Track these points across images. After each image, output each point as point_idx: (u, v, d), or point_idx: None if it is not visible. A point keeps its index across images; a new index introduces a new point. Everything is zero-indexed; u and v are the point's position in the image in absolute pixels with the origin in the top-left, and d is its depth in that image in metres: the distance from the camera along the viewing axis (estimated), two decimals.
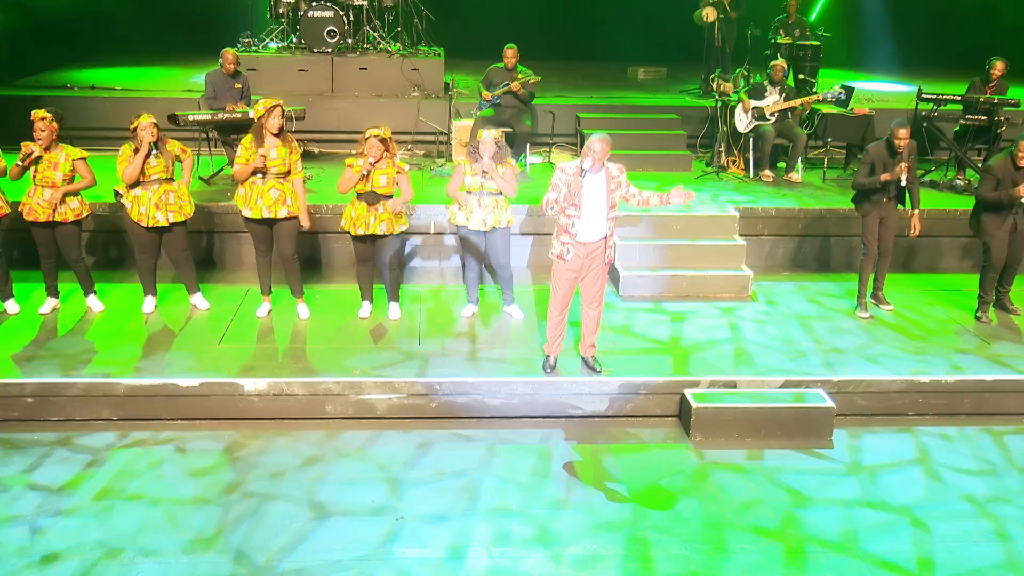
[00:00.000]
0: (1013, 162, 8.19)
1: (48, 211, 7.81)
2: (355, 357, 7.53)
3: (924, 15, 16.10)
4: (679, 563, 5.52)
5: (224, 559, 5.39)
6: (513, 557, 5.52)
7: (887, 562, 5.56)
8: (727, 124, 11.49)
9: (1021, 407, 7.48)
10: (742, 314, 8.66)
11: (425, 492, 6.15)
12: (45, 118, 7.74)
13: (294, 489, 6.13)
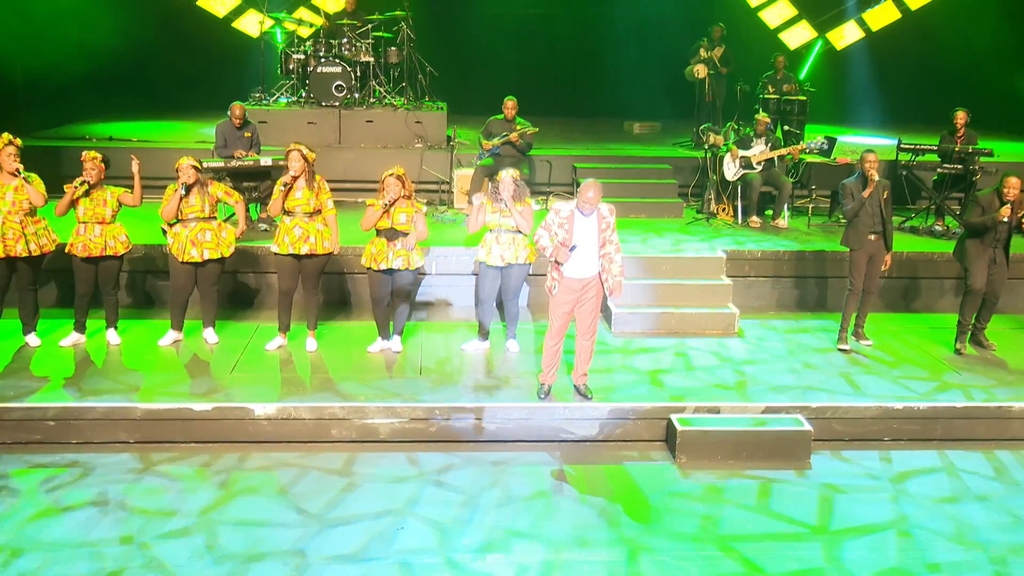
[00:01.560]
0: (999, 197, 8.69)
1: (100, 246, 8.32)
2: (360, 386, 7.95)
3: (908, 73, 16.75)
4: (664, 569, 5.89)
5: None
6: (510, 560, 5.90)
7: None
8: (716, 173, 12.02)
9: (990, 433, 7.87)
10: (728, 348, 9.09)
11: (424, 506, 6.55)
12: (96, 158, 8.36)
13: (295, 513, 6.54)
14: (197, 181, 8.45)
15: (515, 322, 8.97)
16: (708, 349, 9.07)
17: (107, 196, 8.43)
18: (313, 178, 8.58)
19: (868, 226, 8.91)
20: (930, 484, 7.10)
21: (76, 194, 8.30)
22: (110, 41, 14.30)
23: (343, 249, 9.73)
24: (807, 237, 11.19)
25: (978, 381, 8.43)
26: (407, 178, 8.40)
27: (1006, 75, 15.71)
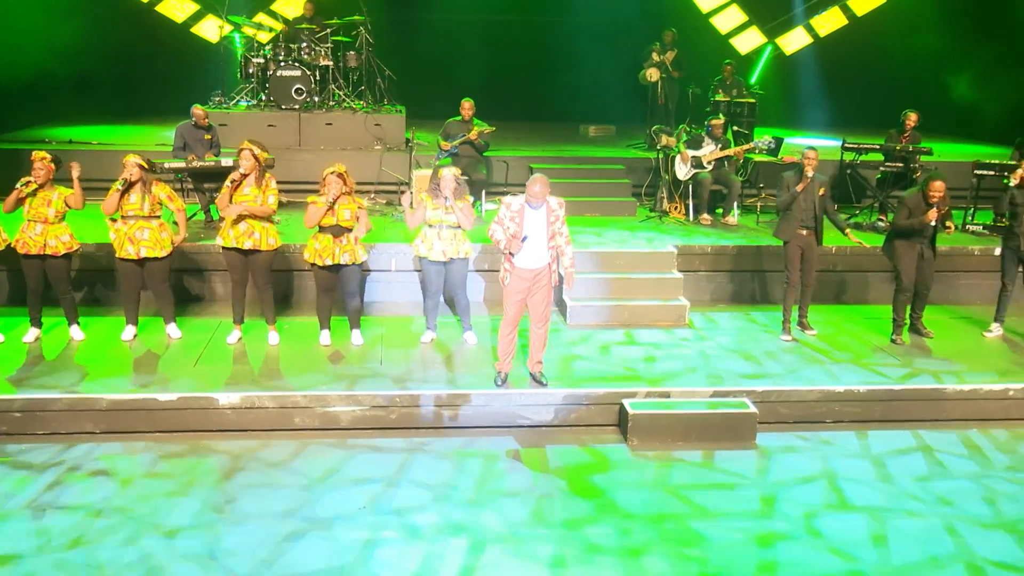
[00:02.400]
0: (924, 199, 9.09)
1: (39, 245, 8.45)
2: (321, 375, 8.17)
3: (854, 78, 17.24)
4: (609, 540, 6.19)
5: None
6: (467, 540, 6.17)
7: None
8: (668, 173, 12.37)
9: (925, 414, 8.25)
10: (678, 338, 9.41)
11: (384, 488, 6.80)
12: (45, 158, 8.47)
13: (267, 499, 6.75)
14: (140, 179, 8.56)
15: (468, 314, 9.23)
16: (659, 339, 9.38)
17: (53, 196, 8.54)
18: (263, 176, 8.76)
19: (800, 220, 9.28)
20: (866, 450, 7.48)
21: (22, 193, 8.42)
22: (70, 47, 14.40)
23: (292, 247, 9.97)
24: (755, 233, 11.57)
25: (915, 366, 8.81)
26: (348, 175, 8.62)
27: (945, 80, 16.28)
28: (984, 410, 8.35)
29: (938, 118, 15.14)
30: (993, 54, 15.72)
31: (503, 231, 7.68)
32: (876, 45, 17.22)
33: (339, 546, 6.02)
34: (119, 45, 15.86)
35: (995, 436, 7.98)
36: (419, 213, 8.85)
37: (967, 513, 6.63)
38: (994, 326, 9.83)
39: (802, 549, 6.15)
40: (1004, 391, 8.38)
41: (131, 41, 16.11)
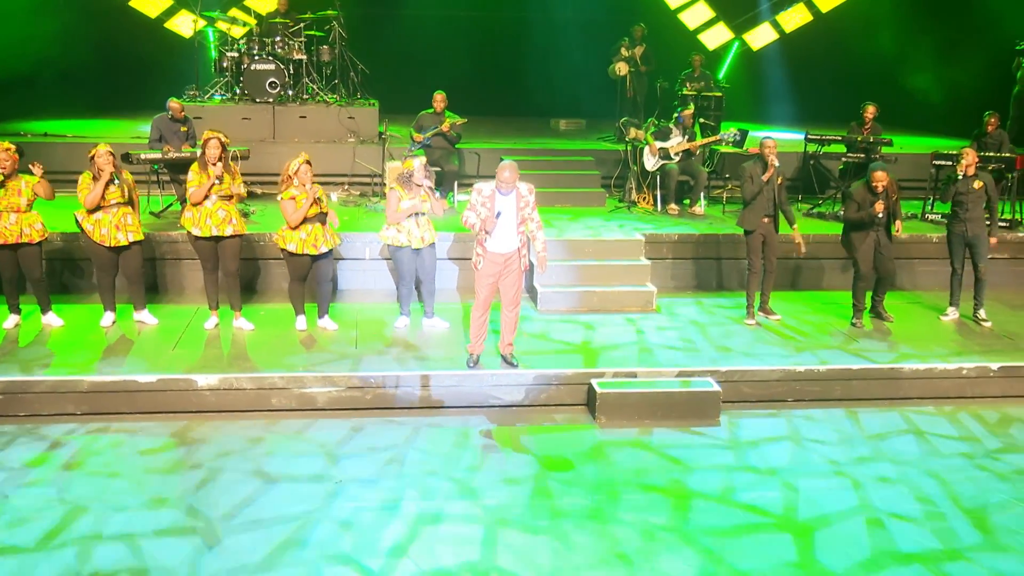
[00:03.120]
0: (869, 189, 9.41)
1: (16, 234, 8.58)
2: (297, 358, 8.38)
3: (818, 73, 17.58)
4: (577, 507, 6.44)
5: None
6: (438, 506, 6.40)
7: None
8: (637, 164, 12.65)
9: (884, 392, 8.57)
10: (646, 322, 9.69)
11: (360, 462, 7.02)
12: (9, 149, 8.56)
13: (243, 463, 6.96)
14: (116, 167, 8.73)
15: (432, 300, 9.39)
16: (627, 323, 9.65)
17: (22, 185, 8.64)
18: (229, 164, 8.94)
19: (763, 209, 9.58)
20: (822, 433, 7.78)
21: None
22: (44, 41, 14.54)
23: (262, 236, 10.16)
24: (722, 222, 11.86)
25: (874, 347, 9.14)
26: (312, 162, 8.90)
27: (905, 75, 16.68)
28: (939, 388, 8.68)
29: (898, 112, 15.52)
30: (950, 51, 16.14)
31: (476, 215, 7.91)
32: (840, 41, 17.60)
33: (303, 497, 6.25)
34: (93, 40, 15.93)
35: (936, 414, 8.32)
36: (394, 205, 9.02)
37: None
38: (950, 310, 10.17)
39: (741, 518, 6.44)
40: (958, 370, 8.72)
41: (105, 36, 16.19)
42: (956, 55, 15.98)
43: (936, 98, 16.34)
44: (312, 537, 5.97)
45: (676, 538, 6.12)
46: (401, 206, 8.96)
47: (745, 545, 6.07)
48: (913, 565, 5.90)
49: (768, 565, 5.85)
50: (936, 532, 6.29)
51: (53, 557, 5.66)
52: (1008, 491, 6.86)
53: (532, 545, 5.98)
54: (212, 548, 5.81)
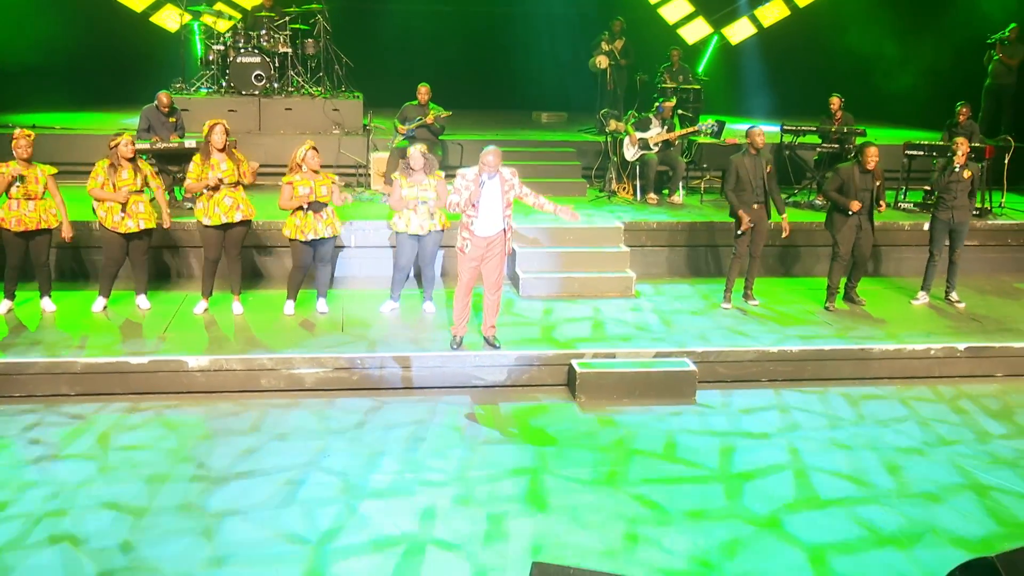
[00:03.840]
0: (861, 167, 9.69)
1: (36, 220, 8.79)
2: (286, 340, 8.60)
3: (796, 67, 17.89)
4: (555, 477, 6.70)
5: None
6: (421, 475, 6.65)
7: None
8: (617, 155, 12.91)
9: (855, 372, 8.86)
10: (625, 306, 9.95)
11: (348, 437, 7.26)
12: (29, 136, 8.77)
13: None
14: (133, 156, 8.96)
15: (432, 285, 9.70)
16: (607, 307, 9.91)
17: (38, 173, 8.89)
18: (233, 151, 9.16)
19: (752, 197, 9.84)
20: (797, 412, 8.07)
21: (13, 175, 8.70)
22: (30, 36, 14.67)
23: (261, 224, 10.37)
24: (699, 211, 12.13)
25: (846, 329, 9.43)
26: (319, 150, 9.12)
27: (880, 68, 17.00)
28: (908, 368, 8.97)
29: (871, 104, 15.86)
30: (922, 44, 16.46)
31: (459, 196, 8.14)
32: (816, 35, 17.91)
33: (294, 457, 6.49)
34: (78, 34, 15.99)
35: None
36: (396, 193, 9.27)
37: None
38: (921, 294, 10.47)
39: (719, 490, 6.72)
40: (926, 350, 9.02)
41: (90, 30, 16.27)
42: (928, 48, 16.31)
43: (908, 91, 16.66)
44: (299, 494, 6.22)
45: (659, 515, 6.40)
46: (403, 194, 9.22)
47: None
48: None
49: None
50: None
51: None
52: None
53: (511, 513, 6.23)
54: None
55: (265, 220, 10.41)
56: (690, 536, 6.01)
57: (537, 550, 5.75)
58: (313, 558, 5.64)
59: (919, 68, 16.38)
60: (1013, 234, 11.90)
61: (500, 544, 5.86)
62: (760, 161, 9.78)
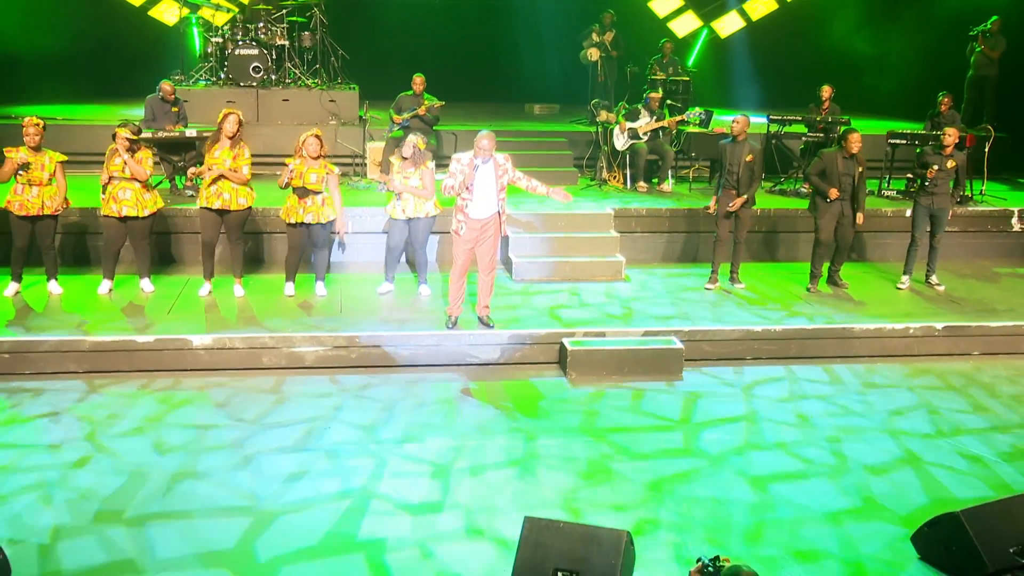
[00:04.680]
0: (844, 152, 9.99)
1: (37, 206, 9.06)
2: (286, 320, 8.89)
3: (784, 60, 18.20)
4: (545, 447, 7.02)
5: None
6: (419, 440, 6.97)
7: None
8: (607, 144, 13.22)
9: (837, 351, 9.18)
10: (615, 289, 10.26)
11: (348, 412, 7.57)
12: (38, 124, 9.05)
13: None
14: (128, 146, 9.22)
15: (425, 270, 10.00)
16: (597, 290, 10.21)
17: (45, 160, 9.16)
18: (238, 143, 9.44)
19: (731, 183, 10.14)
20: (776, 388, 8.38)
21: (20, 161, 8.98)
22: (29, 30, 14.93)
23: (262, 210, 10.65)
24: (688, 198, 12.44)
25: (828, 310, 9.76)
26: (323, 142, 9.38)
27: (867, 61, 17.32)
28: (888, 347, 9.30)
29: (855, 96, 16.18)
30: (906, 37, 16.79)
31: (454, 180, 8.44)
32: (803, 28, 18.22)
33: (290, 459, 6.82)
34: (79, 28, 16.25)
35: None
36: (394, 177, 9.60)
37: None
38: (904, 278, 10.78)
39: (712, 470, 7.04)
40: (905, 330, 9.34)
41: (90, 25, 16.52)
42: (912, 41, 16.63)
43: (892, 83, 16.98)
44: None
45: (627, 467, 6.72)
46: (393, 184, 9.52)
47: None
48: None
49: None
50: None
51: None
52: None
53: (501, 480, 6.54)
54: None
55: (264, 207, 10.68)
56: (675, 504, 6.32)
57: (529, 506, 6.03)
58: (346, 515, 5.93)
59: (903, 60, 16.70)
60: (992, 220, 12.23)
61: (495, 508, 6.16)
62: (742, 149, 10.08)
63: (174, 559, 5.49)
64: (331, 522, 5.93)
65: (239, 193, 9.37)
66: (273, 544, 5.68)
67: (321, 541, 5.74)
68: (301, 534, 5.79)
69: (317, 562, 5.54)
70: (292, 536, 5.77)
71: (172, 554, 5.54)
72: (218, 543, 5.67)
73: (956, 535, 5.40)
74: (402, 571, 5.46)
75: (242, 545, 5.67)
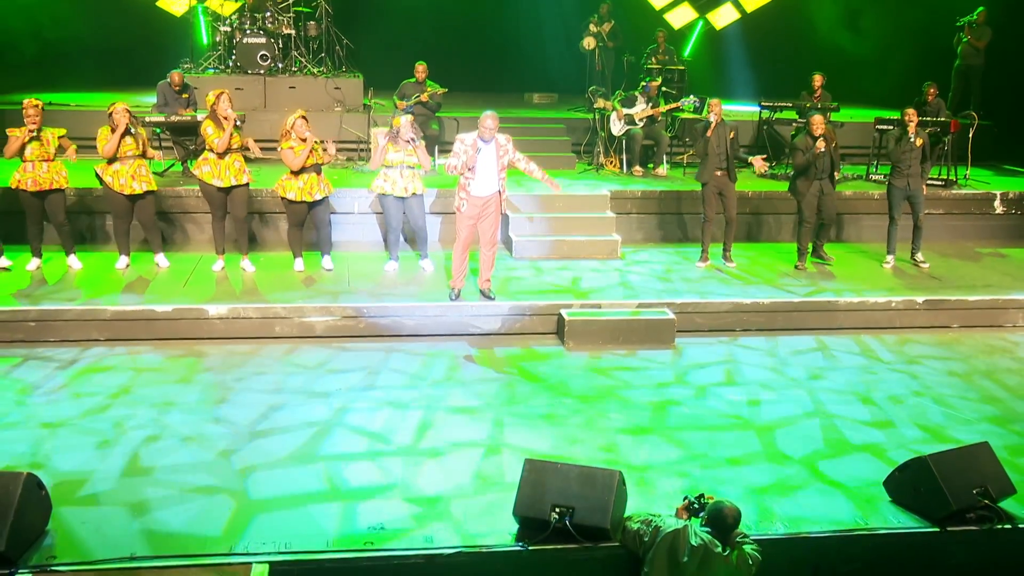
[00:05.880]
0: (810, 135, 10.45)
1: (49, 180, 9.49)
2: (297, 293, 9.33)
3: (777, 50, 18.62)
4: (541, 407, 7.48)
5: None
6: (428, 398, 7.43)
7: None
8: (604, 130, 13.65)
9: (822, 323, 9.62)
10: (610, 266, 10.70)
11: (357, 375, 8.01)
12: (37, 105, 9.47)
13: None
14: (129, 124, 9.62)
15: (425, 244, 10.42)
16: (594, 267, 10.65)
17: (49, 136, 9.59)
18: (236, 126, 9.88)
19: (715, 164, 10.59)
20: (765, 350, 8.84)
21: (25, 139, 9.40)
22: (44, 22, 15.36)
23: (263, 191, 11.07)
24: (682, 182, 12.87)
25: (815, 285, 10.20)
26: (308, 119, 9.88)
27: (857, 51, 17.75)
28: (871, 319, 9.74)
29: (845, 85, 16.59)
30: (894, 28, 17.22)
31: (458, 159, 8.88)
32: (797, 19, 18.64)
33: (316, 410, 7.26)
34: (88, 19, 16.61)
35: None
36: (378, 156, 10.01)
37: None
38: (889, 258, 11.21)
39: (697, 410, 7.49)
40: (888, 303, 9.78)
41: (99, 15, 16.89)
42: (900, 32, 17.06)
43: (881, 72, 17.40)
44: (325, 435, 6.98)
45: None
46: (389, 158, 9.93)
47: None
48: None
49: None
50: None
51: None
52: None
53: (508, 424, 7.00)
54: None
55: (269, 188, 11.08)
56: (665, 450, 6.78)
57: (529, 451, 6.46)
58: (328, 469, 6.37)
59: (892, 50, 17.12)
60: (976, 203, 12.67)
61: (498, 456, 6.60)
62: (724, 129, 10.53)
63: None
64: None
65: (241, 171, 9.78)
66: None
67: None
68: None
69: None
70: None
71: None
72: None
73: (923, 477, 5.84)
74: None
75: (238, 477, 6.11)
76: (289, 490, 6.03)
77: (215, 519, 5.63)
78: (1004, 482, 5.96)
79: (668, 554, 5.20)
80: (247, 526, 5.57)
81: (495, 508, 5.83)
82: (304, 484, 6.12)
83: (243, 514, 5.71)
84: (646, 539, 5.31)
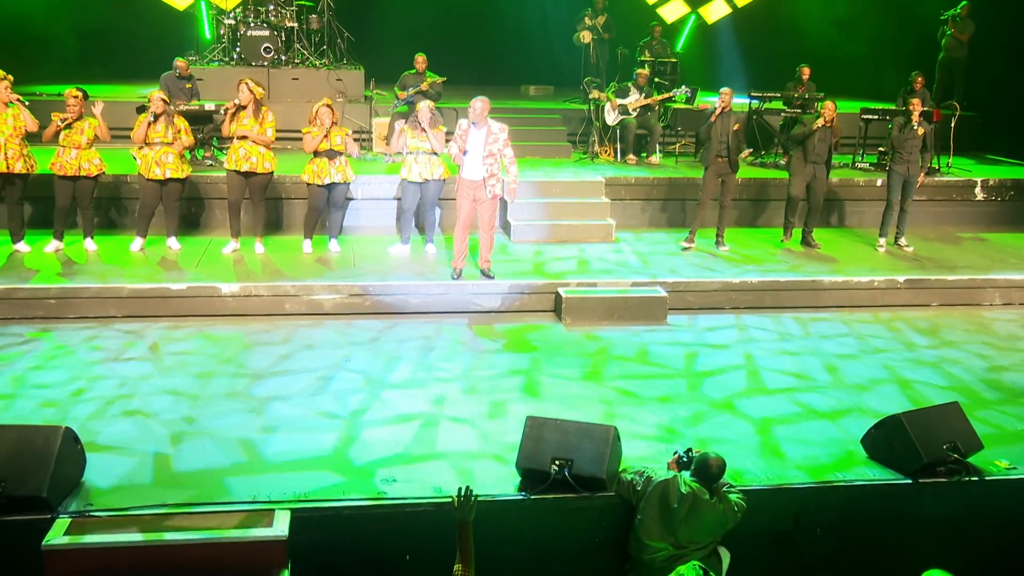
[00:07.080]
0: (823, 120, 10.90)
1: (75, 167, 9.90)
2: (306, 272, 9.74)
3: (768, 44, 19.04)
4: (540, 375, 7.90)
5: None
6: (432, 373, 7.84)
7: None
8: (599, 120, 14.07)
9: (807, 301, 10.07)
10: (605, 249, 11.12)
11: (363, 348, 8.42)
12: (77, 96, 9.88)
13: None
14: (164, 112, 10.04)
15: (432, 230, 10.84)
16: (590, 249, 11.08)
17: (84, 126, 9.99)
18: (259, 109, 10.26)
19: (716, 150, 11.02)
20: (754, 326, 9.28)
21: (61, 126, 9.82)
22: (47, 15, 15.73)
23: (280, 177, 11.46)
24: (674, 170, 13.29)
25: (802, 265, 10.64)
26: (335, 106, 10.22)
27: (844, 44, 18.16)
28: (854, 298, 10.19)
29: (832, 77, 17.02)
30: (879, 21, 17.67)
31: (454, 144, 9.34)
32: (785, 13, 19.08)
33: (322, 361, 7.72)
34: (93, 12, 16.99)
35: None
36: (399, 141, 10.50)
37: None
38: (882, 240, 11.64)
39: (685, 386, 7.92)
40: (870, 282, 10.23)
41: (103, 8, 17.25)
42: (886, 25, 17.51)
43: (867, 65, 17.84)
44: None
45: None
46: (393, 146, 10.38)
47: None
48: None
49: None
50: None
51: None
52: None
53: (510, 399, 7.42)
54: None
55: (281, 174, 11.48)
56: (658, 413, 7.20)
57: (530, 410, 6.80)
58: (346, 428, 6.79)
59: (877, 43, 17.57)
60: (957, 190, 13.12)
61: (501, 419, 7.03)
62: (728, 119, 10.95)
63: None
64: (352, 431, 6.78)
65: (265, 158, 10.19)
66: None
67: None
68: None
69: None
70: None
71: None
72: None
73: (897, 433, 6.27)
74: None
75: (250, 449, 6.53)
76: (306, 448, 6.45)
77: (239, 470, 6.06)
78: (972, 438, 6.40)
79: (660, 501, 5.63)
80: (266, 477, 5.98)
81: (499, 464, 6.25)
82: (322, 444, 6.54)
83: (260, 467, 6.13)
84: (639, 488, 5.73)
